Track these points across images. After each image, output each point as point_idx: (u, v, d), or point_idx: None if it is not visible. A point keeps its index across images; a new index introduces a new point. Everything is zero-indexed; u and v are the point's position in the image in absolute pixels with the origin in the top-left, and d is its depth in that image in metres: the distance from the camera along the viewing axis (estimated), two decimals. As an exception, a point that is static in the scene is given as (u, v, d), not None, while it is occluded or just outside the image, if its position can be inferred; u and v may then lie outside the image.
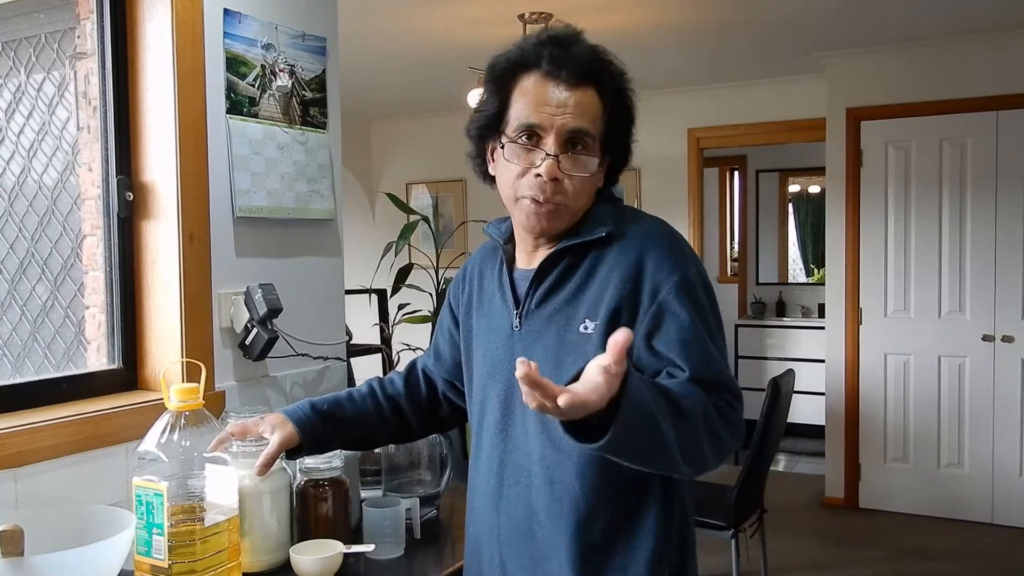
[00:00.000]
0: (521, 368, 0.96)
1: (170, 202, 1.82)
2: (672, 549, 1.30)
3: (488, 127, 1.33)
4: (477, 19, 4.09)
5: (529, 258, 1.38)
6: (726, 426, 1.21)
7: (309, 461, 1.63)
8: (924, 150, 4.76)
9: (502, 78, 1.31)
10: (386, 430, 1.60)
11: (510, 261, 1.42)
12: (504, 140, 1.31)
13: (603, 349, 1.16)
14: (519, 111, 1.29)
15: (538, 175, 1.27)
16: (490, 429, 1.39)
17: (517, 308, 1.36)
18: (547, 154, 1.26)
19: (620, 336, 0.99)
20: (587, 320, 1.27)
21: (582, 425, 1.04)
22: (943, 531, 4.60)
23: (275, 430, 1.47)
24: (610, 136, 1.31)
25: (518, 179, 1.29)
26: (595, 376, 1.00)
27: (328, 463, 1.64)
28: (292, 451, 1.51)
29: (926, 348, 4.79)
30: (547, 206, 1.28)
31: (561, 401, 0.96)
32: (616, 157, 1.35)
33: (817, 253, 7.30)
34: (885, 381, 4.90)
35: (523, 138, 1.28)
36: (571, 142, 1.27)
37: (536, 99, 1.27)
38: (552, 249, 1.33)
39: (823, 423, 5.16)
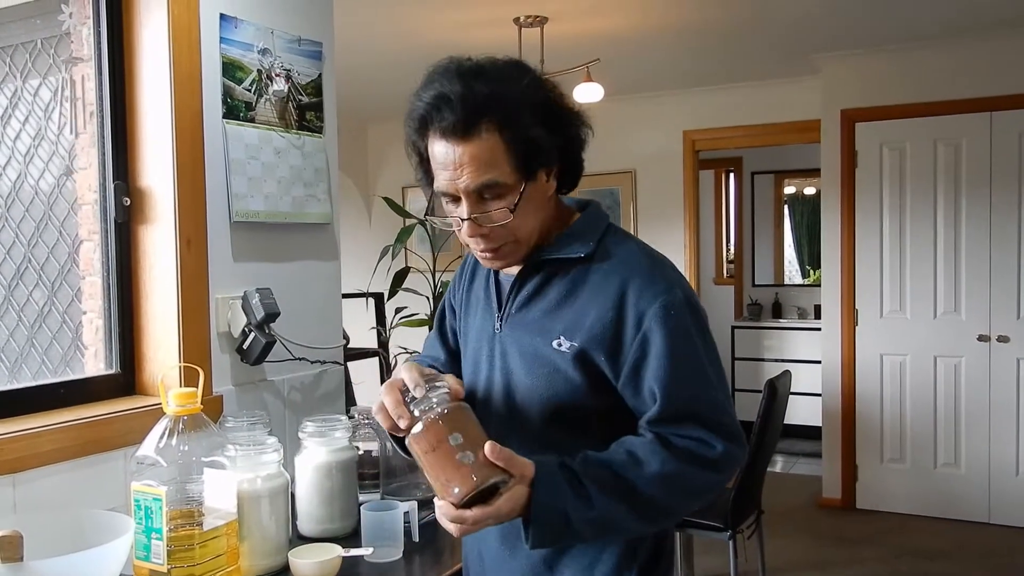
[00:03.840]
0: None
1: (167, 207, 1.83)
2: (644, 550, 1.31)
3: (427, 184, 1.33)
4: (472, 22, 4.09)
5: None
6: (701, 467, 1.22)
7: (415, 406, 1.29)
8: (918, 151, 4.78)
9: (416, 141, 1.29)
10: None
11: None
12: (437, 199, 1.30)
13: (577, 370, 1.25)
14: (435, 177, 1.27)
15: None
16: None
17: (499, 311, 1.39)
18: (461, 219, 1.24)
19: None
20: (562, 337, 1.27)
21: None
22: (940, 531, 4.61)
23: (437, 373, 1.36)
24: (529, 160, 1.24)
25: (457, 229, 1.29)
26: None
27: (440, 396, 1.27)
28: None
29: (922, 348, 4.80)
30: (488, 252, 1.29)
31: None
32: (562, 160, 1.30)
33: (813, 254, 7.32)
34: (881, 382, 4.91)
35: (444, 200, 1.28)
36: (481, 196, 1.24)
37: (440, 164, 1.24)
38: (529, 261, 1.34)
39: (820, 424, 5.17)
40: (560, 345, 1.28)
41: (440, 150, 1.23)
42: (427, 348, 1.62)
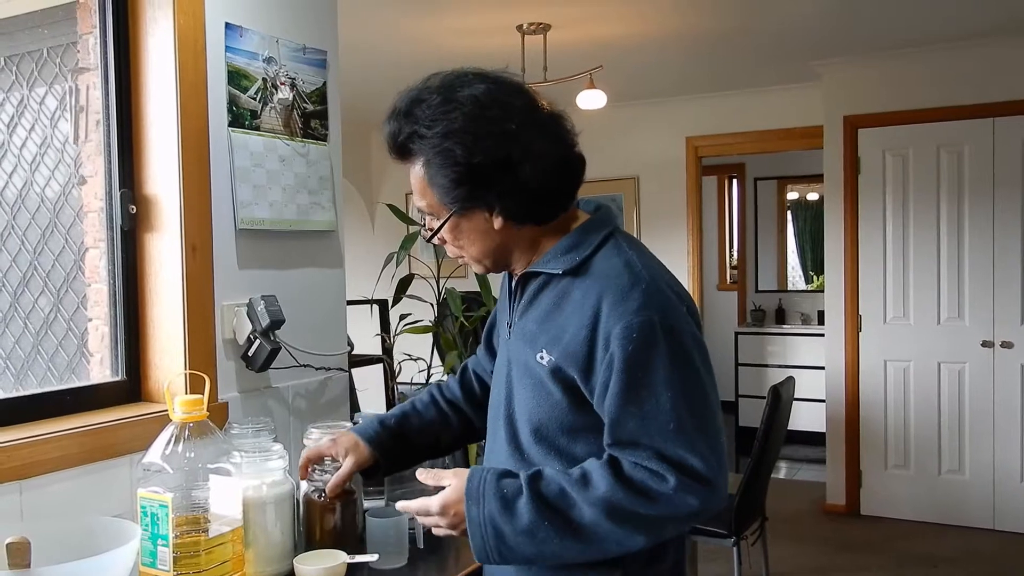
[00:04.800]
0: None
1: (173, 214, 1.83)
2: (640, 562, 1.29)
3: None
4: (476, 30, 4.11)
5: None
6: (648, 500, 1.17)
7: (315, 474, 1.64)
8: (921, 157, 4.78)
9: None
10: (452, 434, 1.66)
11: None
12: None
13: (556, 384, 1.26)
14: None
15: None
16: (488, 428, 1.45)
17: (509, 317, 1.41)
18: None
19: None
20: (544, 350, 1.28)
21: None
22: (945, 537, 4.60)
23: (348, 453, 1.55)
24: (453, 198, 1.29)
25: None
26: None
27: (335, 474, 1.63)
28: (369, 471, 1.59)
29: (926, 354, 4.80)
30: (459, 260, 1.41)
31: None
32: (507, 200, 1.29)
33: (816, 260, 7.32)
34: (885, 388, 4.91)
35: None
36: (422, 213, 1.37)
37: None
38: (521, 271, 1.38)
39: (824, 430, 5.17)
40: (542, 358, 1.28)
41: None
42: (475, 358, 1.71)
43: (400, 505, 1.37)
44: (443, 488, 1.30)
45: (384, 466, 1.59)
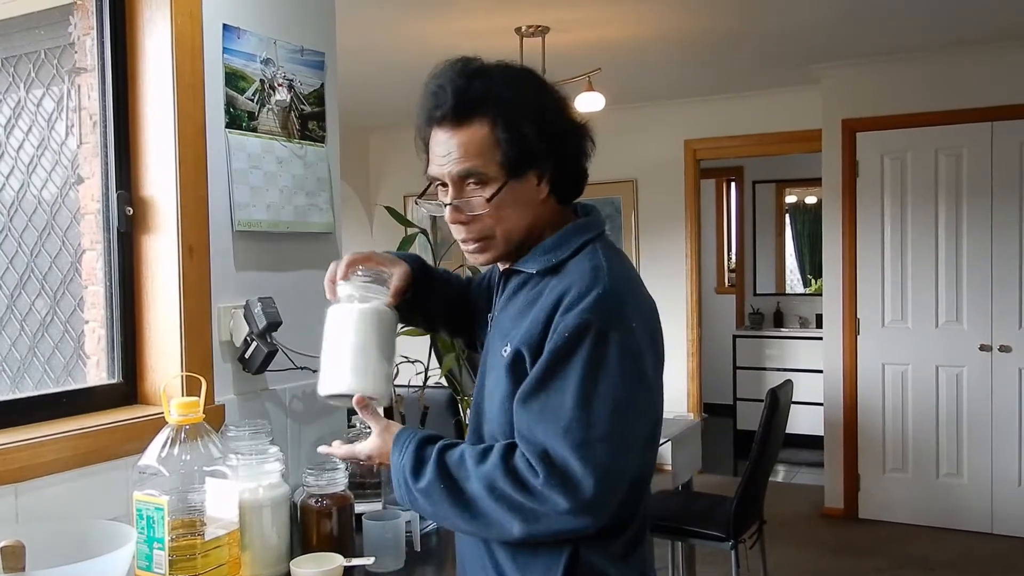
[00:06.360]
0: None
1: (170, 216, 1.83)
2: (610, 556, 1.29)
3: (425, 170, 1.37)
4: (474, 32, 4.11)
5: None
6: (518, 489, 1.19)
7: (310, 478, 1.63)
8: (919, 161, 4.78)
9: (422, 128, 1.34)
10: (445, 312, 1.64)
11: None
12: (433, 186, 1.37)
13: (508, 376, 1.27)
14: (430, 162, 1.34)
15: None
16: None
17: (491, 311, 1.43)
18: (444, 204, 1.31)
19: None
20: (509, 345, 1.28)
21: None
22: (942, 541, 4.60)
23: (395, 265, 1.49)
24: (516, 160, 1.28)
25: (444, 217, 1.34)
26: None
27: (331, 479, 1.64)
28: (402, 304, 1.51)
29: (924, 358, 4.80)
30: (470, 244, 1.33)
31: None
32: (556, 168, 1.32)
33: (814, 263, 7.32)
34: (883, 391, 4.91)
35: (437, 186, 1.35)
36: (464, 183, 1.29)
37: (433, 150, 1.32)
38: (505, 267, 1.38)
39: (822, 433, 5.17)
40: (505, 351, 1.29)
41: (436, 138, 1.31)
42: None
43: (322, 449, 1.42)
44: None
45: (412, 294, 1.50)
